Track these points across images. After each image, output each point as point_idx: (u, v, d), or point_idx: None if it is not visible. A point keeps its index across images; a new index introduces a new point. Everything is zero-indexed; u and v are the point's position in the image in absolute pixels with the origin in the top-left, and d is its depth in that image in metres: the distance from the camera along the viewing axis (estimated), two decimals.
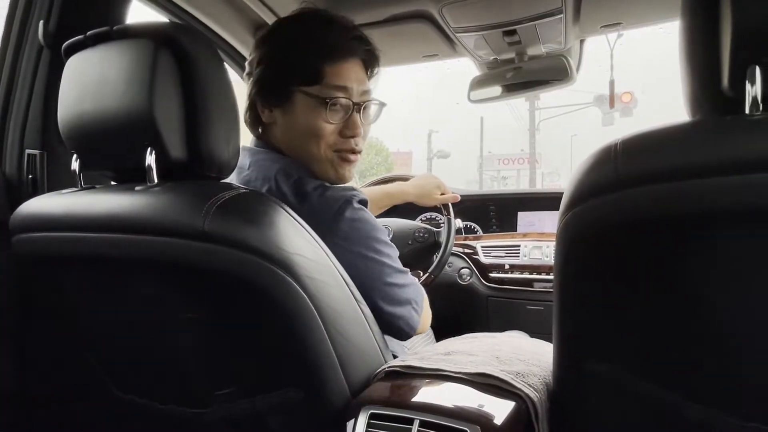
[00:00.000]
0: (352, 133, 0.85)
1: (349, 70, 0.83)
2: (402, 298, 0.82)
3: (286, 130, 0.85)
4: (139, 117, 0.62)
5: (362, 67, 0.87)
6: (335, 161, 0.85)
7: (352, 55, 0.84)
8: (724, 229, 0.48)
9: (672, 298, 0.54)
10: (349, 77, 0.83)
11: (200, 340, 0.68)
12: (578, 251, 0.56)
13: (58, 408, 0.87)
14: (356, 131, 0.85)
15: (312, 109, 0.82)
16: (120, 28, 0.65)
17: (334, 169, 0.86)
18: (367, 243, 0.79)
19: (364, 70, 0.87)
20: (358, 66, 0.86)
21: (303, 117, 0.83)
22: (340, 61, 0.82)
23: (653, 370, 0.58)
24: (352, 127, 0.84)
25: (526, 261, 1.56)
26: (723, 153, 0.46)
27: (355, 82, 0.84)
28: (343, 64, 0.83)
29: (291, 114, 0.83)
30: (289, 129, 0.85)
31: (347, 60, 0.83)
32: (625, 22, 1.26)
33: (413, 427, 0.60)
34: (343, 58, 0.83)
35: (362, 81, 0.86)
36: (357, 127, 0.85)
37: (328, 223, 0.75)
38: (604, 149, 0.53)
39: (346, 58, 0.83)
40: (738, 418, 0.53)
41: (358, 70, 0.85)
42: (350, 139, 0.85)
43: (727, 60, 0.48)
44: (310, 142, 0.83)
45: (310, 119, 0.82)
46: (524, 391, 0.65)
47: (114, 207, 0.64)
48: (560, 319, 0.62)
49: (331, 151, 0.85)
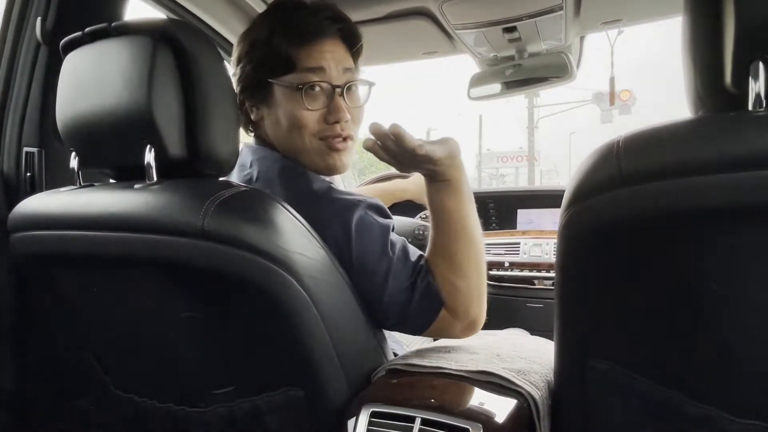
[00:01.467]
0: (336, 118, 0.79)
1: (323, 50, 0.79)
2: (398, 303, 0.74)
3: (272, 125, 0.82)
4: (137, 114, 0.61)
5: (341, 45, 0.82)
6: (323, 150, 0.80)
7: (325, 35, 0.79)
8: (728, 226, 0.48)
9: (674, 295, 0.54)
10: (323, 57, 0.78)
11: (199, 339, 0.67)
12: (580, 248, 0.56)
13: (56, 407, 0.87)
14: (340, 115, 0.79)
15: (290, 99, 0.78)
16: (118, 25, 0.65)
17: (322, 159, 0.80)
18: (372, 248, 0.73)
19: (343, 48, 0.82)
20: (335, 45, 0.80)
21: (283, 109, 0.79)
22: (311, 42, 0.78)
23: (654, 367, 0.58)
24: (335, 112, 0.79)
25: (526, 258, 1.56)
26: (726, 149, 0.46)
27: (332, 61, 0.79)
28: (315, 46, 0.78)
29: (273, 108, 0.80)
30: (274, 124, 0.81)
31: (319, 40, 0.78)
32: (625, 19, 1.26)
33: (415, 426, 0.60)
34: (315, 39, 0.78)
35: (341, 60, 0.80)
36: (340, 111, 0.79)
37: (332, 222, 0.72)
38: (606, 147, 0.53)
39: (317, 38, 0.78)
40: (736, 414, 0.53)
41: (335, 49, 0.80)
42: (335, 124, 0.79)
43: (730, 56, 0.48)
44: (293, 133, 0.79)
45: (289, 110, 0.78)
46: (525, 389, 0.65)
47: (113, 205, 0.63)
48: (561, 316, 0.62)
49: (316, 140, 0.79)
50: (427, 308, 0.74)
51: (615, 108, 12.47)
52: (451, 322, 0.75)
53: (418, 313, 0.74)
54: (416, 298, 0.73)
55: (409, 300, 0.73)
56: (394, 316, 0.74)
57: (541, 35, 1.27)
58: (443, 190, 0.75)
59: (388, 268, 0.72)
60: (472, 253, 0.75)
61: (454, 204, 0.75)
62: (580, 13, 1.21)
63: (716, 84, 0.50)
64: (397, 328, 0.78)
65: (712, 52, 0.49)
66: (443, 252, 0.75)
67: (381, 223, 0.75)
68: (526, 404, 0.64)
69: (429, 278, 0.74)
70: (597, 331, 0.61)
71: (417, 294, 0.73)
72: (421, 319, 0.74)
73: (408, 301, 0.73)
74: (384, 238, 0.74)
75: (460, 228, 0.75)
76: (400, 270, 0.73)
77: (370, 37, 1.36)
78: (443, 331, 0.77)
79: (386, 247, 0.73)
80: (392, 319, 0.75)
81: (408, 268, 0.74)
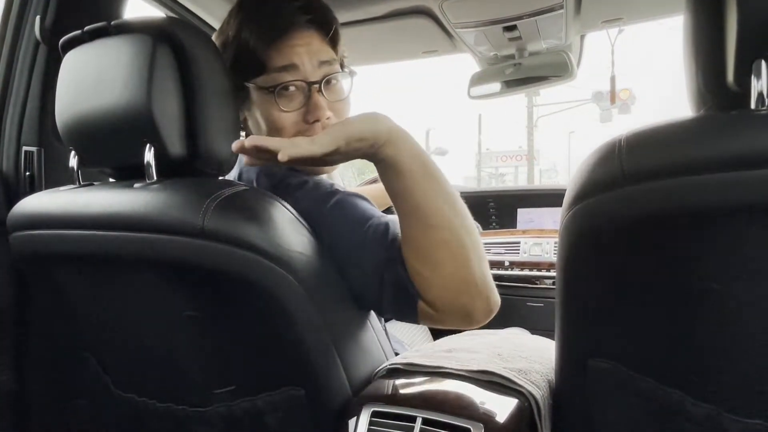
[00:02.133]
0: (315, 117, 0.73)
1: (294, 45, 0.73)
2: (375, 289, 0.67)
3: (254, 127, 0.78)
4: (137, 113, 0.61)
5: (316, 35, 0.75)
6: None
7: (296, 28, 0.73)
8: (731, 225, 0.48)
9: (677, 295, 0.53)
10: (295, 53, 0.73)
11: (200, 339, 0.67)
12: (582, 248, 0.56)
13: (56, 406, 0.86)
14: (319, 113, 0.73)
15: (265, 102, 0.74)
16: (117, 23, 0.64)
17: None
18: (360, 222, 0.67)
19: (318, 38, 0.76)
20: (308, 37, 0.74)
21: (260, 113, 0.75)
22: (281, 38, 0.72)
23: (657, 367, 0.57)
24: (314, 111, 0.73)
25: (526, 258, 1.56)
26: (729, 148, 0.46)
27: (306, 56, 0.73)
28: (285, 41, 0.73)
29: (252, 111, 0.77)
30: (255, 126, 0.77)
31: (289, 34, 0.73)
32: (626, 17, 1.25)
33: (416, 425, 0.60)
34: (284, 34, 0.72)
35: (317, 52, 0.74)
36: (319, 109, 0.73)
37: (316, 213, 0.67)
38: (608, 145, 0.53)
39: (287, 33, 0.72)
40: (742, 415, 0.53)
41: (309, 41, 0.74)
42: (315, 123, 0.73)
43: (733, 54, 0.47)
44: (276, 135, 0.73)
45: (266, 112, 0.74)
46: (527, 389, 0.65)
47: (112, 204, 0.63)
48: (563, 316, 0.62)
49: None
50: (402, 303, 0.66)
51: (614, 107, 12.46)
52: (439, 316, 0.66)
53: (396, 307, 0.67)
54: (388, 293, 0.66)
55: (379, 296, 0.67)
56: (379, 308, 0.69)
57: (542, 34, 1.27)
58: (383, 172, 0.65)
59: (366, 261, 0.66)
60: (436, 238, 0.63)
61: (399, 185, 0.64)
62: (581, 11, 1.21)
63: (718, 82, 0.50)
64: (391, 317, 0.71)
65: (714, 50, 0.49)
66: (405, 239, 0.65)
67: (361, 206, 0.69)
68: (528, 404, 0.64)
69: (399, 269, 0.65)
70: (598, 330, 0.60)
71: (388, 288, 0.66)
72: (402, 313, 0.68)
73: (379, 297, 0.67)
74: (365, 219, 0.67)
75: (412, 210, 0.64)
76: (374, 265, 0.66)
77: (370, 36, 1.37)
78: (442, 323, 0.68)
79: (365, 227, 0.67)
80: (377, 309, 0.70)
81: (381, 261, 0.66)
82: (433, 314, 0.66)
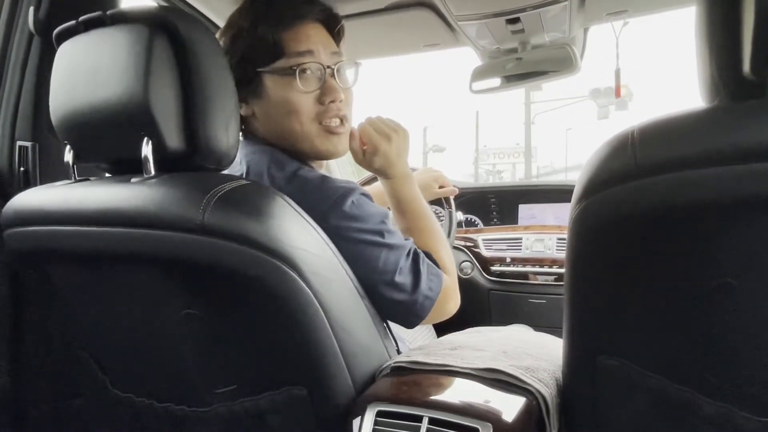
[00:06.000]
0: (332, 98, 0.79)
1: (309, 33, 0.79)
2: (407, 283, 0.76)
3: (264, 118, 0.82)
4: (134, 106, 0.59)
5: (323, 29, 0.82)
6: (321, 134, 0.81)
7: (307, 19, 0.80)
8: (745, 217, 0.47)
9: (692, 290, 0.52)
10: (311, 39, 0.79)
11: (200, 337, 0.66)
12: (592, 242, 0.55)
13: (53, 406, 0.85)
14: (336, 95, 0.79)
15: (283, 85, 0.78)
16: (113, 13, 0.63)
17: (321, 143, 0.81)
18: (370, 229, 0.74)
19: (325, 31, 0.83)
20: (318, 28, 0.82)
21: (276, 97, 0.79)
22: (296, 25, 0.79)
23: (669, 365, 0.56)
24: (330, 92, 0.79)
25: (528, 254, 1.55)
26: (746, 139, 0.45)
27: (320, 44, 0.80)
28: (300, 28, 0.79)
29: (265, 99, 0.80)
30: (267, 115, 0.81)
31: (303, 23, 0.79)
32: (630, 10, 1.24)
33: (422, 425, 0.59)
34: (298, 22, 0.79)
35: (328, 43, 0.81)
36: (335, 91, 0.80)
37: (327, 212, 0.71)
38: (619, 137, 0.52)
39: (301, 21, 0.79)
40: (753, 412, 0.52)
41: (318, 32, 0.81)
42: (331, 104, 0.80)
43: (749, 43, 0.46)
44: (290, 120, 0.79)
45: (283, 96, 0.78)
46: (534, 387, 0.64)
47: (109, 200, 0.61)
48: (571, 312, 0.61)
49: (315, 125, 0.80)
50: (435, 285, 0.78)
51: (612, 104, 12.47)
52: (425, 320, 0.79)
53: (430, 289, 0.77)
54: (424, 276, 0.77)
55: (416, 281, 0.76)
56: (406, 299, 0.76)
57: (545, 27, 1.26)
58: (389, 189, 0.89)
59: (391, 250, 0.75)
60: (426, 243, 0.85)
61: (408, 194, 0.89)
62: (585, 4, 1.19)
63: (734, 72, 0.48)
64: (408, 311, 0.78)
65: (730, 39, 0.48)
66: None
67: (378, 209, 0.77)
68: (536, 402, 0.63)
69: (426, 259, 0.79)
70: (608, 327, 0.59)
71: (424, 273, 0.77)
72: (431, 295, 0.78)
73: (416, 283, 0.76)
74: (383, 223, 0.76)
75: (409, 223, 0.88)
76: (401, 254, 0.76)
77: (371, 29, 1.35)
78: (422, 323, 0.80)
79: (385, 231, 0.75)
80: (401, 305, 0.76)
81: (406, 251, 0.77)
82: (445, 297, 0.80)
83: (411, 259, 0.77)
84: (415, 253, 0.78)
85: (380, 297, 0.74)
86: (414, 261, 0.77)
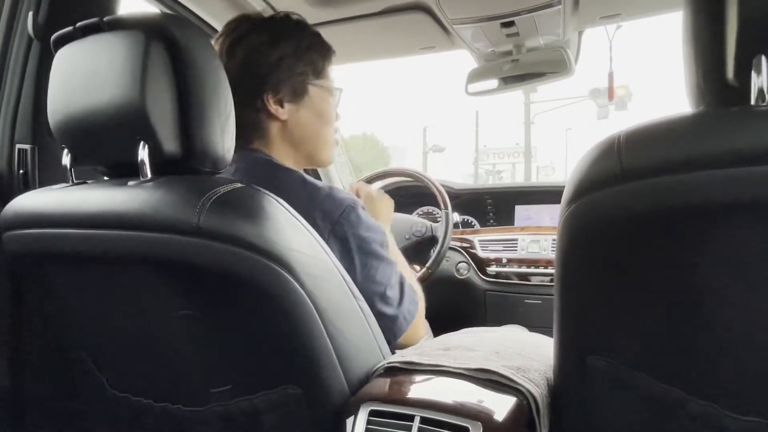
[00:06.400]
0: (338, 117, 0.98)
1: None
2: (395, 298, 0.85)
3: (302, 121, 0.92)
4: (130, 110, 0.60)
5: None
6: (333, 144, 0.98)
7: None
8: (729, 221, 0.48)
9: (676, 293, 0.53)
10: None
11: (196, 338, 0.67)
12: (580, 244, 0.56)
13: (52, 406, 0.86)
14: (338, 115, 0.99)
15: (325, 98, 0.93)
16: (110, 20, 0.64)
17: (332, 150, 0.99)
18: (375, 240, 0.83)
19: None
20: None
21: (320, 107, 0.93)
22: (331, 59, 0.97)
23: (656, 365, 0.57)
24: (338, 113, 0.98)
25: (524, 255, 1.56)
26: (729, 144, 0.46)
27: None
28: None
29: (307, 106, 0.92)
30: (306, 120, 0.92)
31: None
32: (624, 14, 1.25)
33: (414, 424, 0.59)
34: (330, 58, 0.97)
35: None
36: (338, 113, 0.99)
37: (338, 219, 0.80)
38: (606, 141, 0.52)
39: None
40: (737, 411, 0.53)
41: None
42: (337, 122, 0.98)
43: (733, 50, 0.47)
44: (327, 128, 0.95)
45: (325, 107, 0.93)
46: (525, 386, 0.64)
47: (106, 203, 0.62)
48: (561, 313, 0.62)
49: (333, 135, 0.97)
50: (414, 308, 0.88)
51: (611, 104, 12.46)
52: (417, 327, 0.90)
53: (409, 311, 0.87)
54: (407, 297, 0.87)
55: (401, 299, 0.86)
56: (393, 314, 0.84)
57: (539, 30, 1.27)
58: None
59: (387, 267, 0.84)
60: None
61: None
62: (579, 7, 1.20)
63: (718, 78, 0.49)
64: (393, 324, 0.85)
65: (714, 46, 0.49)
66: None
67: (378, 223, 0.86)
68: (526, 401, 0.63)
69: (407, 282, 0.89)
70: (597, 327, 0.60)
71: (407, 293, 0.87)
72: (409, 318, 0.87)
73: (401, 300, 0.86)
74: (384, 236, 0.85)
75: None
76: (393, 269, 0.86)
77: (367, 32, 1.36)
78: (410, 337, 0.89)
79: (385, 244, 0.85)
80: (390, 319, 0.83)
81: (395, 268, 0.87)
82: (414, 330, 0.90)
83: (399, 276, 0.87)
84: (400, 273, 0.88)
85: (371, 307, 0.77)
86: (400, 280, 0.87)
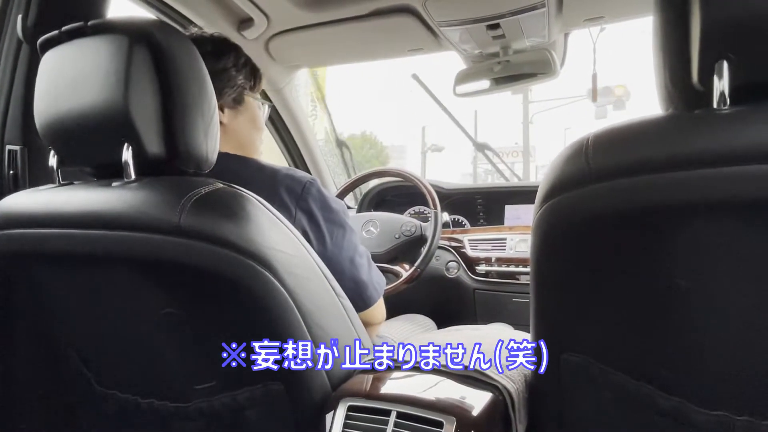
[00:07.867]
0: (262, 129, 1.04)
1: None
2: (365, 264, 0.92)
3: (239, 126, 0.96)
4: (115, 112, 0.62)
5: None
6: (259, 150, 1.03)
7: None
8: (693, 222, 0.49)
9: (645, 291, 0.55)
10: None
11: (179, 336, 0.68)
12: (553, 244, 0.57)
13: (40, 404, 0.87)
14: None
15: (257, 108, 0.99)
16: (95, 24, 0.65)
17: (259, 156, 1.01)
18: (336, 210, 0.88)
19: None
20: None
21: (254, 114, 0.97)
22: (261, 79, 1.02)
23: (627, 361, 0.59)
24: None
25: (512, 254, 1.56)
26: (690, 147, 0.47)
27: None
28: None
29: (243, 114, 0.96)
30: (242, 125, 0.96)
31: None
32: (607, 16, 1.26)
33: (390, 419, 0.61)
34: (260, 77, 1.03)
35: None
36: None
37: (301, 194, 0.84)
38: (575, 144, 0.54)
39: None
40: (704, 406, 0.54)
41: None
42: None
43: (697, 54, 0.48)
44: (259, 134, 0.99)
45: (258, 115, 0.99)
46: (501, 383, 0.66)
47: (90, 203, 0.63)
48: (536, 311, 0.63)
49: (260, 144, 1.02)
50: (382, 283, 0.97)
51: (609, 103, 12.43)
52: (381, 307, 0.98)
53: (378, 284, 0.94)
54: (374, 269, 0.95)
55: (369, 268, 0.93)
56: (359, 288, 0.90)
57: (525, 32, 1.27)
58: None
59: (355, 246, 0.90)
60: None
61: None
62: (563, 10, 1.21)
63: (684, 81, 0.51)
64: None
65: (680, 50, 0.50)
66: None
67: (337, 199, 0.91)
68: (501, 397, 0.65)
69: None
70: (570, 325, 0.61)
71: (374, 266, 0.95)
72: (379, 289, 0.95)
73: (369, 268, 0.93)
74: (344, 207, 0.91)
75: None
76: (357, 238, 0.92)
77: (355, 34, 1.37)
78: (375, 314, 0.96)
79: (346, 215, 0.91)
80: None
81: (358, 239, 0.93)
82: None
83: (364, 249, 0.93)
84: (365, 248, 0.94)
85: (342, 274, 0.83)
86: (366, 253, 0.93)
